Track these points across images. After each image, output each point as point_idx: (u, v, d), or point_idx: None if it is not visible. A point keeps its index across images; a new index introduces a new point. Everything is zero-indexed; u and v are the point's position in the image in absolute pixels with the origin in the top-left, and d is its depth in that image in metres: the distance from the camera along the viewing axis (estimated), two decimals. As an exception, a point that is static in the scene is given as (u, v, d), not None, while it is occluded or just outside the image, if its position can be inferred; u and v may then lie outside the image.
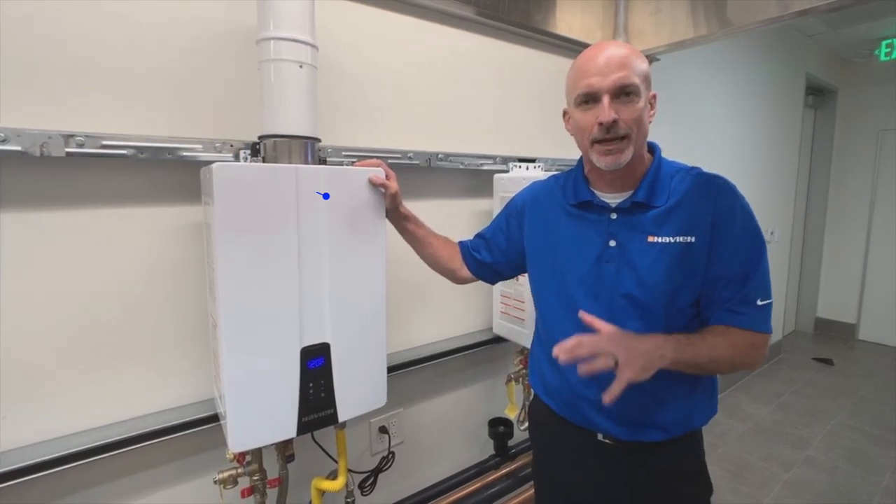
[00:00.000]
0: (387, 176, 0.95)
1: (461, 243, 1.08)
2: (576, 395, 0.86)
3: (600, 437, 0.86)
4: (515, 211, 1.00)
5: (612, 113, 0.73)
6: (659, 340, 0.73)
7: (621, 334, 0.73)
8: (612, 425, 0.83)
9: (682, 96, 2.36)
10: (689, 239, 0.77)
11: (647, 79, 0.77)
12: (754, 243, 0.78)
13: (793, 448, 2.36)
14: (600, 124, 0.74)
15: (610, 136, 0.75)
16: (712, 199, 0.77)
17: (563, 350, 0.71)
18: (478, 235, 1.08)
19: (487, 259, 1.04)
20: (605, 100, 0.74)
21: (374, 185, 0.93)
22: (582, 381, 0.84)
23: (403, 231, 1.04)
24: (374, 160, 0.97)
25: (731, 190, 0.79)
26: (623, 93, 0.74)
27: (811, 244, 4.09)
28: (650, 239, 0.78)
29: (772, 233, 3.36)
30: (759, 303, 0.77)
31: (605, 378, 0.81)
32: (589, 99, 0.77)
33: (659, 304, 0.78)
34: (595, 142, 0.77)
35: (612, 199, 0.83)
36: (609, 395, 0.70)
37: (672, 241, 0.77)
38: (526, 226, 0.97)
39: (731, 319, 0.77)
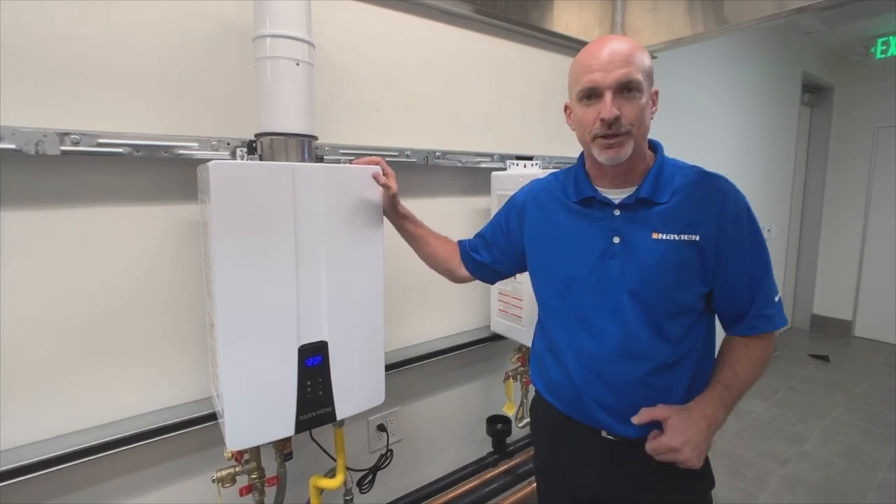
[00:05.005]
0: (385, 174, 0.95)
1: (460, 243, 1.08)
2: (580, 394, 0.86)
3: (604, 433, 0.86)
4: (515, 209, 1.00)
5: (614, 109, 0.74)
6: (710, 419, 0.77)
7: (684, 430, 0.76)
8: (617, 423, 0.83)
9: (680, 93, 2.36)
10: (693, 237, 0.77)
11: (649, 74, 0.77)
12: (760, 243, 0.80)
13: (789, 444, 2.37)
14: (602, 120, 0.75)
15: (612, 131, 0.75)
16: (717, 198, 0.78)
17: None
18: (477, 235, 1.08)
19: (486, 259, 1.04)
20: (608, 96, 0.74)
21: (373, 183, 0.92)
22: (587, 379, 0.85)
23: (401, 230, 1.03)
24: (373, 158, 0.97)
25: (735, 191, 0.80)
26: (626, 89, 0.74)
27: (807, 241, 4.11)
28: (655, 236, 0.79)
29: (769, 230, 3.37)
30: (775, 300, 0.81)
31: (611, 377, 0.82)
32: (591, 94, 0.77)
33: (663, 301, 0.79)
34: (596, 137, 0.77)
35: (615, 195, 0.83)
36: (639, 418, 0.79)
37: (677, 238, 0.78)
38: (526, 224, 0.96)
39: (756, 328, 0.81)
